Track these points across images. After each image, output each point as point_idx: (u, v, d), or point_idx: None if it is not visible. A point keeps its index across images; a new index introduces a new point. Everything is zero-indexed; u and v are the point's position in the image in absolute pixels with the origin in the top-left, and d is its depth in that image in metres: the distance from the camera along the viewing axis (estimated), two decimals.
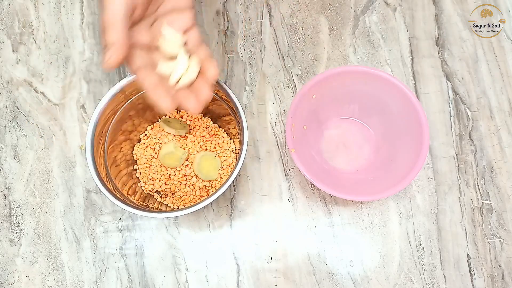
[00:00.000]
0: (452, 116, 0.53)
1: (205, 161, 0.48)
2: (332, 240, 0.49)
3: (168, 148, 0.48)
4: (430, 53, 0.55)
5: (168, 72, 0.35)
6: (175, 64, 0.35)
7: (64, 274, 0.49)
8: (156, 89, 0.34)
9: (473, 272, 0.48)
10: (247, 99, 0.54)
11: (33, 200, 0.51)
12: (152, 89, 0.34)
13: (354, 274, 0.48)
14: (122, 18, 0.31)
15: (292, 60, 0.55)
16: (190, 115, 0.50)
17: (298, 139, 0.46)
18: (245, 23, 0.56)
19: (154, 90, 0.34)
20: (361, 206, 0.50)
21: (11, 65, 0.55)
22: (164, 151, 0.48)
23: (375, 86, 0.47)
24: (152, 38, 0.35)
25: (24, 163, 0.52)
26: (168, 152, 0.47)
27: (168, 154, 0.47)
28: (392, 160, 0.48)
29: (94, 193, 0.51)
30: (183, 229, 0.50)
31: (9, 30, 0.56)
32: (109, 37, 0.30)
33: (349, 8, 0.57)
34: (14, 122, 0.53)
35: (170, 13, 0.36)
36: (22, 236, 0.50)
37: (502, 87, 0.54)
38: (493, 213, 0.50)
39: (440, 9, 0.57)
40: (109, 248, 0.49)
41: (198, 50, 0.37)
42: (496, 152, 0.52)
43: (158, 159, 0.48)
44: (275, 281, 0.48)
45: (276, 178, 0.51)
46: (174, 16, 0.36)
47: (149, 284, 0.48)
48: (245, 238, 0.49)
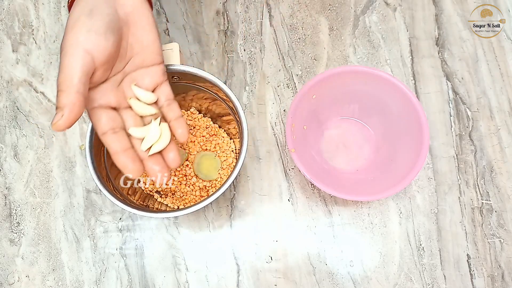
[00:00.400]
0: (452, 116, 0.53)
1: (205, 161, 0.48)
2: (332, 240, 0.49)
3: None
4: (430, 53, 0.55)
5: (139, 136, 0.34)
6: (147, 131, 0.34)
7: (64, 274, 0.49)
8: (123, 154, 0.32)
9: (473, 272, 0.48)
10: (247, 99, 0.54)
11: (33, 200, 0.51)
12: (119, 155, 0.32)
13: (354, 274, 0.48)
14: (77, 81, 0.29)
15: (292, 60, 0.55)
16: (190, 115, 0.50)
17: (298, 139, 0.46)
18: (245, 23, 0.56)
19: (121, 155, 0.32)
20: (361, 206, 0.50)
21: (11, 65, 0.55)
22: None
23: (375, 86, 0.47)
24: (120, 98, 0.34)
25: (24, 163, 0.52)
26: None
27: None
28: (392, 160, 0.48)
29: (94, 193, 0.51)
30: (183, 229, 0.50)
31: (9, 30, 0.56)
32: (61, 100, 0.29)
33: (349, 8, 0.57)
34: (14, 122, 0.53)
35: (138, 70, 0.34)
36: (22, 236, 0.50)
37: (502, 87, 0.54)
38: (493, 213, 0.50)
39: (440, 9, 0.57)
40: (109, 248, 0.49)
41: (169, 108, 0.35)
42: (496, 152, 0.52)
43: None
44: (275, 281, 0.48)
45: (276, 178, 0.51)
46: (142, 73, 0.35)
47: (149, 284, 0.48)
48: (245, 238, 0.49)
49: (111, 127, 0.32)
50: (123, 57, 0.33)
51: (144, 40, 0.34)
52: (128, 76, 0.34)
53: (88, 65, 0.30)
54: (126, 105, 0.34)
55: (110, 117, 0.33)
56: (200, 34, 0.56)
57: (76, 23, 0.30)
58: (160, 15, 0.56)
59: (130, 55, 0.34)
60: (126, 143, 0.33)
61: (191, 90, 0.45)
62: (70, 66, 0.29)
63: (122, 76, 0.34)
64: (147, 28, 0.34)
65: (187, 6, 0.57)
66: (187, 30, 0.56)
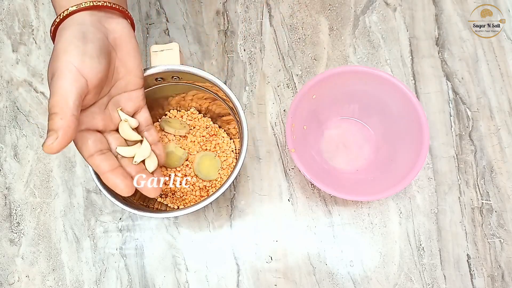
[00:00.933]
0: (452, 116, 0.53)
1: (205, 161, 0.48)
2: (332, 240, 0.49)
3: (168, 148, 0.48)
4: (430, 53, 0.55)
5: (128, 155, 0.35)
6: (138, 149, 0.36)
7: (64, 274, 0.49)
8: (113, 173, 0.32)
9: (473, 272, 0.48)
10: (247, 99, 0.54)
11: (33, 200, 0.51)
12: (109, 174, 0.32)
13: (354, 274, 0.48)
14: (72, 104, 0.29)
15: (292, 60, 0.55)
16: (190, 115, 0.50)
17: (298, 139, 0.46)
18: (245, 23, 0.56)
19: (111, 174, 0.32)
20: (361, 206, 0.50)
21: (11, 65, 0.55)
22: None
23: (375, 86, 0.47)
24: (107, 121, 0.34)
25: (24, 163, 0.52)
26: (168, 152, 0.47)
27: (168, 154, 0.47)
28: (392, 160, 0.48)
29: (94, 193, 0.51)
30: (183, 229, 0.50)
31: (9, 30, 0.56)
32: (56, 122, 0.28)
33: (349, 8, 0.57)
34: (14, 122, 0.53)
35: (122, 93, 0.36)
36: (22, 236, 0.50)
37: (502, 87, 0.54)
38: (493, 213, 0.50)
39: (440, 9, 0.57)
40: (109, 248, 0.49)
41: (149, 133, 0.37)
42: (496, 152, 0.52)
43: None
44: (275, 281, 0.48)
45: (276, 178, 0.51)
46: (125, 96, 0.36)
47: (149, 284, 0.48)
48: (245, 238, 0.49)
49: (99, 149, 0.33)
50: (110, 81, 0.34)
51: (129, 64, 0.35)
52: (112, 100, 0.35)
53: (82, 88, 0.30)
54: (111, 128, 0.35)
55: (97, 139, 0.33)
56: (200, 34, 0.56)
57: (69, 47, 0.30)
58: (160, 15, 0.56)
59: (116, 79, 0.35)
60: (115, 163, 0.33)
61: (191, 90, 0.45)
62: (65, 88, 0.29)
63: (108, 100, 0.35)
64: (132, 53, 0.35)
65: (187, 6, 0.57)
66: (187, 30, 0.56)
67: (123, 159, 0.35)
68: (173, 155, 0.47)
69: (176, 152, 0.47)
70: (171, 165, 0.48)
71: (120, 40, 0.34)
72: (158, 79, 0.42)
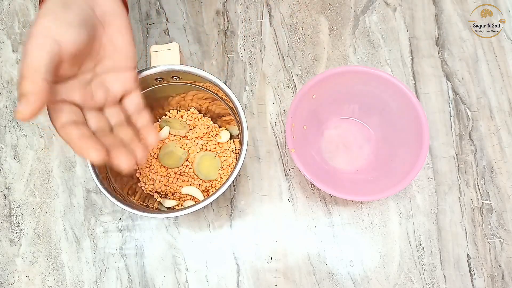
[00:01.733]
0: (452, 116, 0.53)
1: (205, 161, 0.48)
2: (332, 240, 0.49)
3: (168, 148, 0.48)
4: (430, 53, 0.55)
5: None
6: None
7: (64, 274, 0.49)
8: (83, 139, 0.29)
9: (473, 272, 0.48)
10: (247, 99, 0.54)
11: (33, 200, 0.51)
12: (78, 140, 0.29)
13: (354, 274, 0.48)
14: (43, 69, 0.27)
15: (292, 60, 0.55)
16: (190, 115, 0.50)
17: (298, 139, 0.46)
18: (245, 23, 0.56)
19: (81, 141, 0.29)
20: (361, 206, 0.50)
21: (11, 65, 0.55)
22: (164, 151, 0.48)
23: (375, 86, 0.47)
24: (86, 97, 0.32)
25: (24, 163, 0.52)
26: (168, 152, 0.47)
27: (168, 154, 0.47)
28: (392, 160, 0.48)
29: (94, 193, 0.51)
30: (183, 229, 0.50)
31: (9, 30, 0.56)
32: (26, 86, 0.27)
33: (349, 8, 0.57)
34: (14, 122, 0.53)
35: (109, 73, 0.33)
36: (22, 236, 0.50)
37: (502, 87, 0.54)
38: (493, 213, 0.50)
39: (440, 9, 0.57)
40: (109, 248, 0.49)
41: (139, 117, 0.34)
42: (496, 152, 0.52)
43: (158, 159, 0.48)
44: (275, 281, 0.48)
45: (276, 178, 0.51)
46: (113, 77, 0.33)
47: (149, 284, 0.48)
48: (245, 238, 0.49)
49: (73, 120, 0.30)
50: (95, 57, 0.33)
51: (118, 42, 0.33)
52: (98, 78, 0.33)
53: (55, 54, 0.28)
54: (91, 105, 0.33)
55: (73, 111, 0.31)
56: (200, 34, 0.56)
57: (49, 12, 0.29)
58: (160, 15, 0.56)
59: (102, 56, 0.33)
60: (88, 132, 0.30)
61: (191, 90, 0.45)
62: (37, 52, 0.28)
63: (92, 76, 0.33)
64: (122, 30, 0.33)
65: (187, 6, 0.57)
66: (187, 30, 0.56)
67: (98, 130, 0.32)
68: (173, 155, 0.47)
69: (176, 152, 0.47)
70: (171, 165, 0.48)
71: (109, 16, 0.32)
72: (158, 79, 0.42)
